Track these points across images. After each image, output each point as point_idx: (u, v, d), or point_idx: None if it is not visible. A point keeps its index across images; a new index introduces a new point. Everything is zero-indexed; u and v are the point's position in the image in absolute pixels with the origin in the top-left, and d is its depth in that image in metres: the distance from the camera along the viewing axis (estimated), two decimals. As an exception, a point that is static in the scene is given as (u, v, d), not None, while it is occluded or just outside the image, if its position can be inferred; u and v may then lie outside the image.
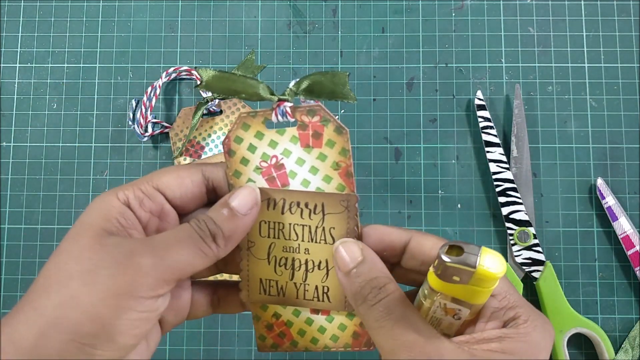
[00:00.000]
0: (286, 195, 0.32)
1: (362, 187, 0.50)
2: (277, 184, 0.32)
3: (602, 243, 0.49)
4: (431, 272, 0.25)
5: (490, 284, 0.24)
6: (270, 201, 0.33)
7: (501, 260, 0.24)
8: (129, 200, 0.28)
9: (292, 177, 0.32)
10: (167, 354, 0.49)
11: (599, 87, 0.51)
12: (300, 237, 0.33)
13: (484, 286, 0.24)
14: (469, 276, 0.24)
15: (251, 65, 0.50)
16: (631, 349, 0.47)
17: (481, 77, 0.52)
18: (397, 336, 0.25)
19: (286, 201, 0.32)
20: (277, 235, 0.33)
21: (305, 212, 0.32)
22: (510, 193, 0.48)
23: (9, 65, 0.53)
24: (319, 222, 0.32)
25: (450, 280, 0.24)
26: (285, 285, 0.33)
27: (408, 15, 0.53)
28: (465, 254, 0.24)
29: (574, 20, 0.53)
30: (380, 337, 0.26)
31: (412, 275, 0.30)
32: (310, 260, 0.33)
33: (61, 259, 0.26)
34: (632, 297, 0.49)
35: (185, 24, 0.53)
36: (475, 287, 0.24)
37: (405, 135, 0.51)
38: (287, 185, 0.32)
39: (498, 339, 0.26)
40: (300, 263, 0.33)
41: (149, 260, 0.26)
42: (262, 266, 0.34)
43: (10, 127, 0.52)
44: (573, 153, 0.51)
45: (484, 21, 0.53)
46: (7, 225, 0.51)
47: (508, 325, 0.26)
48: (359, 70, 0.52)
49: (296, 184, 0.32)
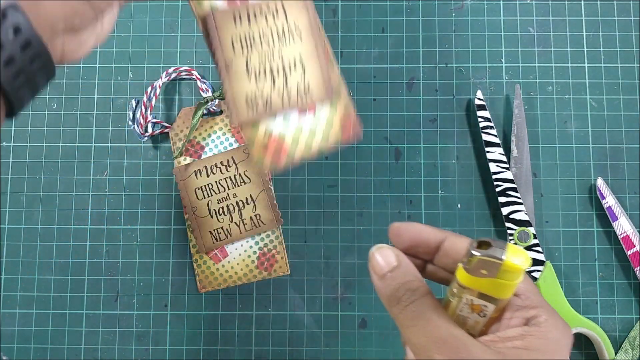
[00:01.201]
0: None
1: (362, 187, 0.50)
2: (237, 3, 0.34)
3: (602, 243, 0.49)
4: (460, 268, 0.27)
5: (516, 276, 0.26)
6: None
7: (526, 255, 0.26)
8: None
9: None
10: (167, 354, 0.49)
11: (599, 87, 0.51)
12: (271, 42, 0.35)
13: (510, 279, 0.26)
14: (497, 269, 0.25)
15: None
16: (631, 349, 0.47)
17: (481, 77, 0.52)
18: (430, 334, 0.27)
19: (249, 11, 0.34)
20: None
21: (269, 16, 0.35)
22: (510, 193, 0.48)
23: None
24: (284, 23, 0.35)
25: (478, 274, 0.26)
26: (269, 95, 0.35)
27: (408, 15, 0.53)
28: (492, 247, 0.26)
29: (574, 20, 0.53)
30: (413, 335, 0.28)
31: (442, 274, 0.32)
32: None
33: None
34: (632, 297, 0.49)
35: (185, 24, 0.53)
36: (501, 281, 0.26)
37: (405, 135, 0.51)
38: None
39: (521, 336, 0.27)
40: (278, 68, 0.35)
41: None
42: (244, 82, 0.35)
43: (10, 127, 0.52)
44: (573, 153, 0.51)
45: (484, 21, 0.53)
46: (7, 225, 0.51)
47: (530, 323, 0.27)
48: (359, 70, 0.52)
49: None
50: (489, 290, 0.27)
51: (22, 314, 0.49)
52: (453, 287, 0.28)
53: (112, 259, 0.50)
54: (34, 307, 0.49)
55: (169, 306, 0.49)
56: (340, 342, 0.49)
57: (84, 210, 0.51)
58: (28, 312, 0.49)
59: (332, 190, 0.51)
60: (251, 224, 0.48)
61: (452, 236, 0.31)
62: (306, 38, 0.36)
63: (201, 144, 0.50)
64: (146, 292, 0.49)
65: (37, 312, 0.49)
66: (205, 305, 0.49)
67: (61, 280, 0.50)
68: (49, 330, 0.49)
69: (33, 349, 0.49)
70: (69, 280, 0.50)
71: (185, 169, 0.49)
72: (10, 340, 0.49)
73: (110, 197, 0.51)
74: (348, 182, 0.51)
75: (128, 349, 0.49)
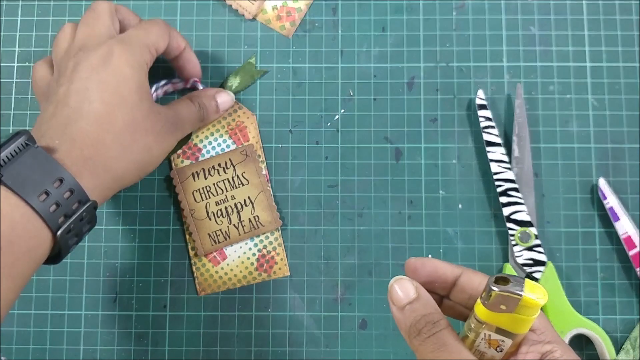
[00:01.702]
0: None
1: (362, 187, 0.50)
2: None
3: (604, 243, 0.49)
4: (479, 303, 0.28)
5: (534, 311, 0.27)
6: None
7: (543, 291, 0.27)
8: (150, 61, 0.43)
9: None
10: (166, 354, 0.48)
11: (601, 86, 0.51)
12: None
13: (528, 314, 0.27)
14: (515, 304, 0.27)
15: (251, 70, 0.50)
16: (632, 350, 0.47)
17: (482, 77, 0.52)
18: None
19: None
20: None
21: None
22: (511, 193, 0.48)
23: (7, 65, 0.53)
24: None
25: (497, 309, 0.27)
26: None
27: (408, 14, 0.53)
28: (511, 283, 0.27)
29: (575, 19, 0.52)
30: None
31: (458, 309, 0.33)
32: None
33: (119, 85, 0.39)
34: (633, 297, 0.49)
35: (185, 23, 0.53)
36: (519, 316, 0.27)
37: (405, 135, 0.51)
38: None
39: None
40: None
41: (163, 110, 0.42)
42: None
43: (9, 127, 0.52)
44: (575, 153, 0.50)
45: (485, 20, 0.52)
46: (5, 225, 0.51)
47: (546, 358, 0.28)
48: (359, 69, 0.52)
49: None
50: (507, 325, 0.28)
51: (20, 314, 0.49)
52: (471, 322, 0.29)
53: (111, 260, 0.50)
54: (32, 307, 0.49)
55: (168, 307, 0.49)
56: (340, 343, 0.48)
57: (83, 211, 0.51)
58: (26, 312, 0.49)
59: (332, 190, 0.50)
60: (250, 226, 0.48)
61: (468, 272, 0.32)
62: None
63: (198, 146, 0.49)
64: (145, 293, 0.49)
65: (36, 313, 0.49)
66: (205, 306, 0.49)
67: (60, 281, 0.50)
68: (48, 330, 0.49)
69: (32, 349, 0.49)
70: (68, 280, 0.50)
71: (183, 171, 0.48)
72: (9, 340, 0.49)
73: (109, 197, 0.51)
74: (348, 182, 0.50)
75: (127, 349, 0.49)
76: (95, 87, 0.38)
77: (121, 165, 0.38)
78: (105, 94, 0.38)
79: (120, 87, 0.38)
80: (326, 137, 0.51)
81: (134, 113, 0.39)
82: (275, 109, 0.51)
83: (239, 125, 0.50)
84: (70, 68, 0.39)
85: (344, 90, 0.52)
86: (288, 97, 0.52)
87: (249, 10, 0.52)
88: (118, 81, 0.38)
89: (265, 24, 0.52)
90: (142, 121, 0.39)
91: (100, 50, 0.39)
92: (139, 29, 0.42)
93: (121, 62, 0.39)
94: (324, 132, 0.51)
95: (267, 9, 0.52)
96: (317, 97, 0.52)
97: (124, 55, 0.39)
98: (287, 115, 0.51)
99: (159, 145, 0.41)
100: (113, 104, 0.38)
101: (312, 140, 0.51)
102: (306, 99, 0.52)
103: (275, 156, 0.51)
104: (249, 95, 0.52)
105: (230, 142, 0.49)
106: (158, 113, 0.41)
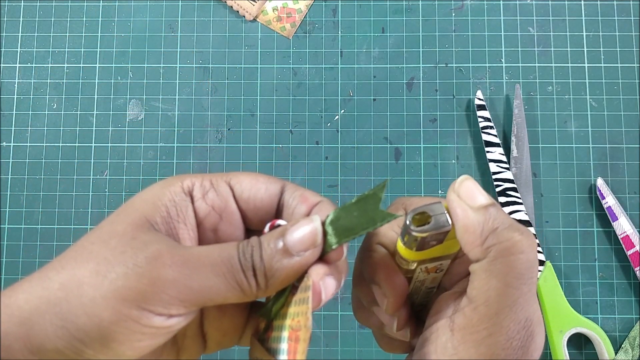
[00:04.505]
0: None
1: (362, 187, 0.50)
2: None
3: (602, 243, 0.49)
4: (405, 249, 0.25)
5: None
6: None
7: None
8: (192, 188, 0.26)
9: None
10: (167, 354, 0.49)
11: (599, 87, 0.51)
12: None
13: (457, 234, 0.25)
14: (445, 235, 0.24)
15: (373, 207, 0.26)
16: (631, 349, 0.47)
17: (481, 77, 0.52)
18: None
19: None
20: None
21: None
22: (510, 193, 0.48)
23: (9, 65, 0.53)
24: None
25: (428, 247, 0.24)
26: None
27: (408, 15, 0.53)
28: (433, 218, 0.24)
29: (574, 20, 0.53)
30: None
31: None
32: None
33: (92, 237, 0.24)
34: (632, 297, 0.49)
35: (185, 24, 0.53)
36: (451, 241, 0.24)
37: (405, 135, 0.51)
38: None
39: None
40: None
41: (172, 274, 0.22)
42: None
43: (10, 127, 0.52)
44: (573, 153, 0.51)
45: (484, 21, 0.53)
46: (7, 225, 0.51)
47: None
48: (359, 70, 0.52)
49: None
50: (441, 252, 0.25)
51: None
52: (401, 263, 0.26)
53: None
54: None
55: (169, 306, 0.49)
56: (340, 342, 0.49)
57: (84, 211, 0.51)
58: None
59: (332, 190, 0.51)
60: None
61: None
62: None
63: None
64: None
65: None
66: (205, 305, 0.49)
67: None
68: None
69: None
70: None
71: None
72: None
73: (110, 197, 0.51)
74: (348, 182, 0.51)
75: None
76: None
77: None
78: None
79: None
80: (326, 137, 0.51)
81: None
82: (276, 109, 0.52)
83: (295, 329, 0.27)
84: None
85: (344, 90, 0.52)
86: (288, 97, 0.52)
87: (250, 11, 0.52)
88: None
89: (265, 25, 0.52)
90: None
91: None
92: None
93: None
94: (324, 132, 0.51)
95: (268, 10, 0.52)
96: (317, 97, 0.52)
97: None
98: (288, 115, 0.52)
99: None
100: None
101: (312, 140, 0.51)
102: (306, 99, 0.52)
103: (276, 156, 0.51)
104: (249, 95, 0.52)
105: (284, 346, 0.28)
106: None
